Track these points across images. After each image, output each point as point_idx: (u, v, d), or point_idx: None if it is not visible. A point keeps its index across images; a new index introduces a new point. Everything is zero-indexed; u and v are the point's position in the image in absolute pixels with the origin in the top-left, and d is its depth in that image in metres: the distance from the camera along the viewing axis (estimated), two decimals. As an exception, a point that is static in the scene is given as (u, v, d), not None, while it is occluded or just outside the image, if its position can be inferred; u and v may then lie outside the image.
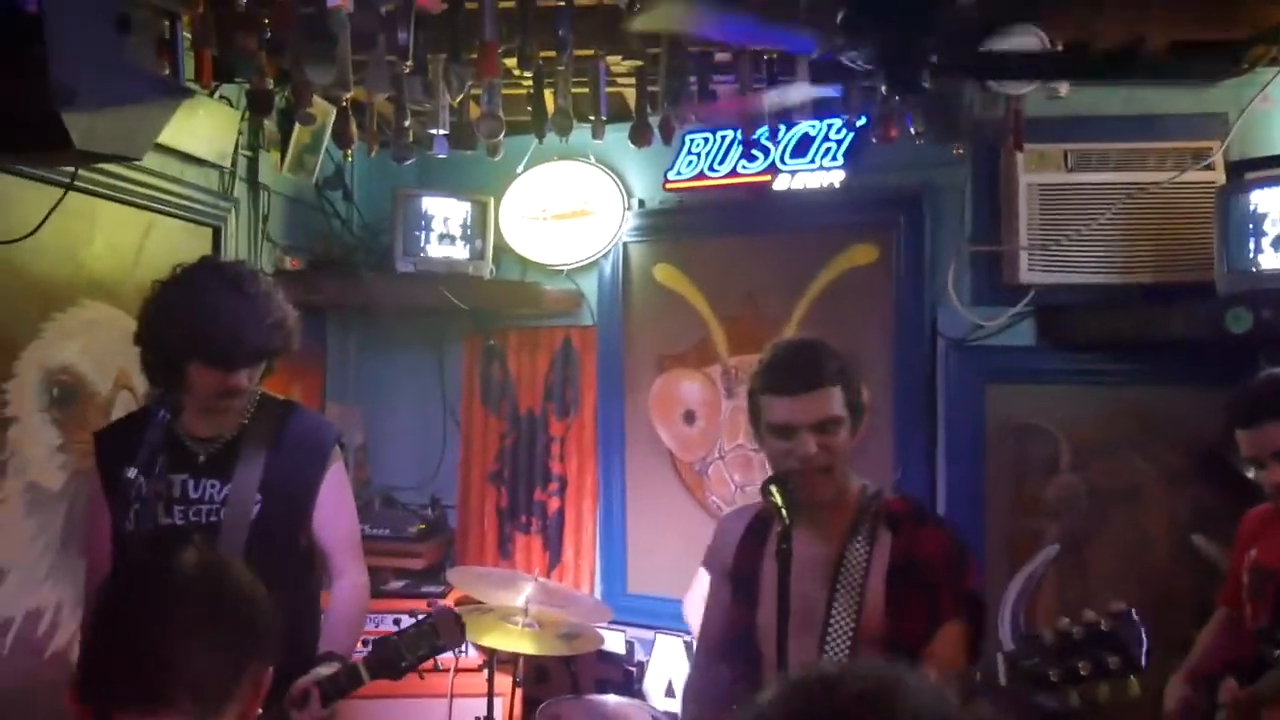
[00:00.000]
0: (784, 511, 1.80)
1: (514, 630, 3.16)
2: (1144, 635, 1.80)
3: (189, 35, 2.79)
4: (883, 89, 2.54)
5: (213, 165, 3.55)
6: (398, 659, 2.23)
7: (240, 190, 3.79)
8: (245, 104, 3.45)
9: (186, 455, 2.36)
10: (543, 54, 3.29)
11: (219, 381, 2.27)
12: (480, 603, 3.45)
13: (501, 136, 3.47)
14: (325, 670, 2.18)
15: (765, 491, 1.87)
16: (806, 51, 2.71)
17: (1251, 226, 3.18)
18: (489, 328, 4.60)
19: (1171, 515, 3.58)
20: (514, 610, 3.23)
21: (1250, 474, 3.41)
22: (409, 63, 2.81)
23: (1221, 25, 3.32)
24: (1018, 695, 1.80)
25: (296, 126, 3.91)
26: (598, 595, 4.32)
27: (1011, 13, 2.60)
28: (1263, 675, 2.22)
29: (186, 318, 2.25)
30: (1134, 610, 1.82)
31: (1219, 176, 3.50)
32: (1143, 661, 1.77)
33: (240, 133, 3.70)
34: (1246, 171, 3.43)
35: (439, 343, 4.70)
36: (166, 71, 2.40)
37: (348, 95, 3.24)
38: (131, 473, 2.07)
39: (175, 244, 3.38)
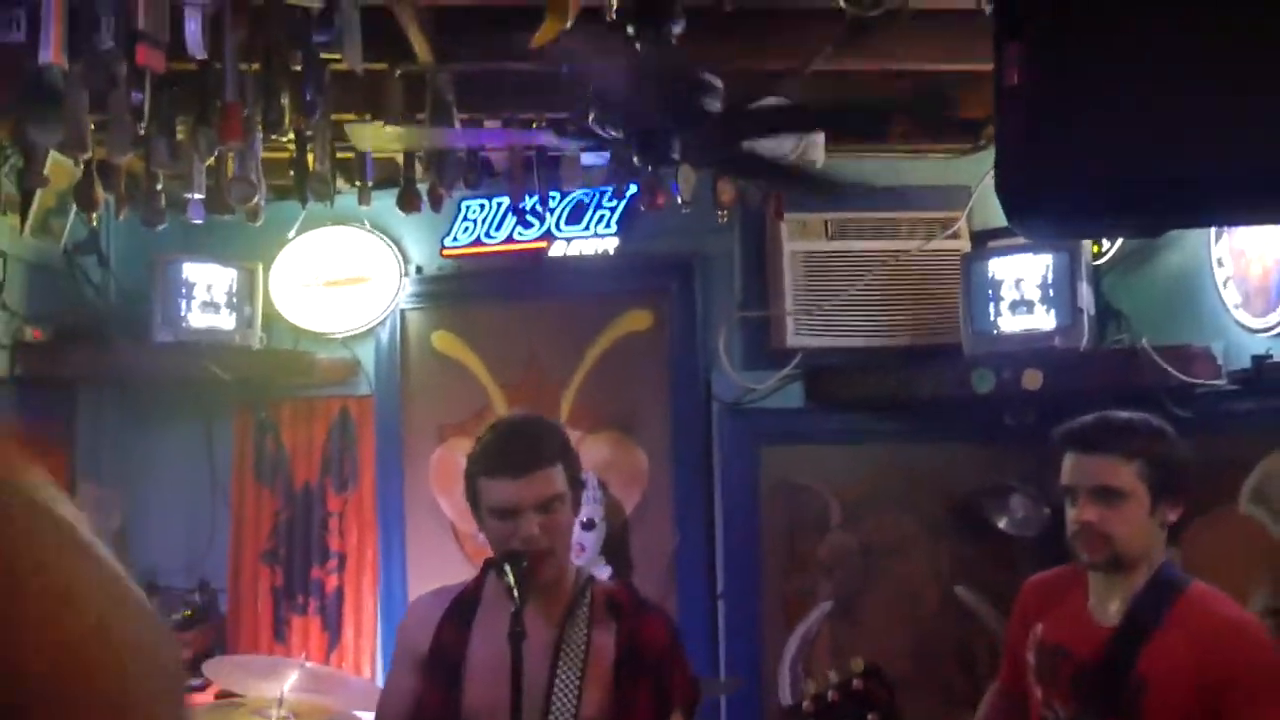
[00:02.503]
0: (515, 591, 1.74)
1: (268, 725, 2.96)
2: (892, 685, 1.85)
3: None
4: (635, 160, 2.58)
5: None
6: None
7: (-30, 257, 3.49)
8: (-29, 164, 3.20)
9: None
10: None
11: None
12: (238, 695, 3.23)
13: (260, 201, 3.35)
14: None
15: (497, 570, 1.81)
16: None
17: (991, 292, 3.39)
18: (261, 399, 4.38)
19: (935, 567, 3.73)
20: (268, 703, 3.03)
21: (1004, 526, 3.60)
22: (142, 124, 2.64)
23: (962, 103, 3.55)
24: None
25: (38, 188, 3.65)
26: (380, 677, 4.13)
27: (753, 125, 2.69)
28: None
29: None
30: (877, 664, 1.88)
31: (965, 245, 3.73)
32: (898, 711, 1.82)
33: (-34, 193, 3.41)
34: (988, 240, 3.67)
35: (207, 416, 4.43)
36: None
37: (85, 156, 3.05)
38: None
39: (-114, 316, 3.07)
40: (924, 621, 3.68)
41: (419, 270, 4.26)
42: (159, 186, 3.43)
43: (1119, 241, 3.45)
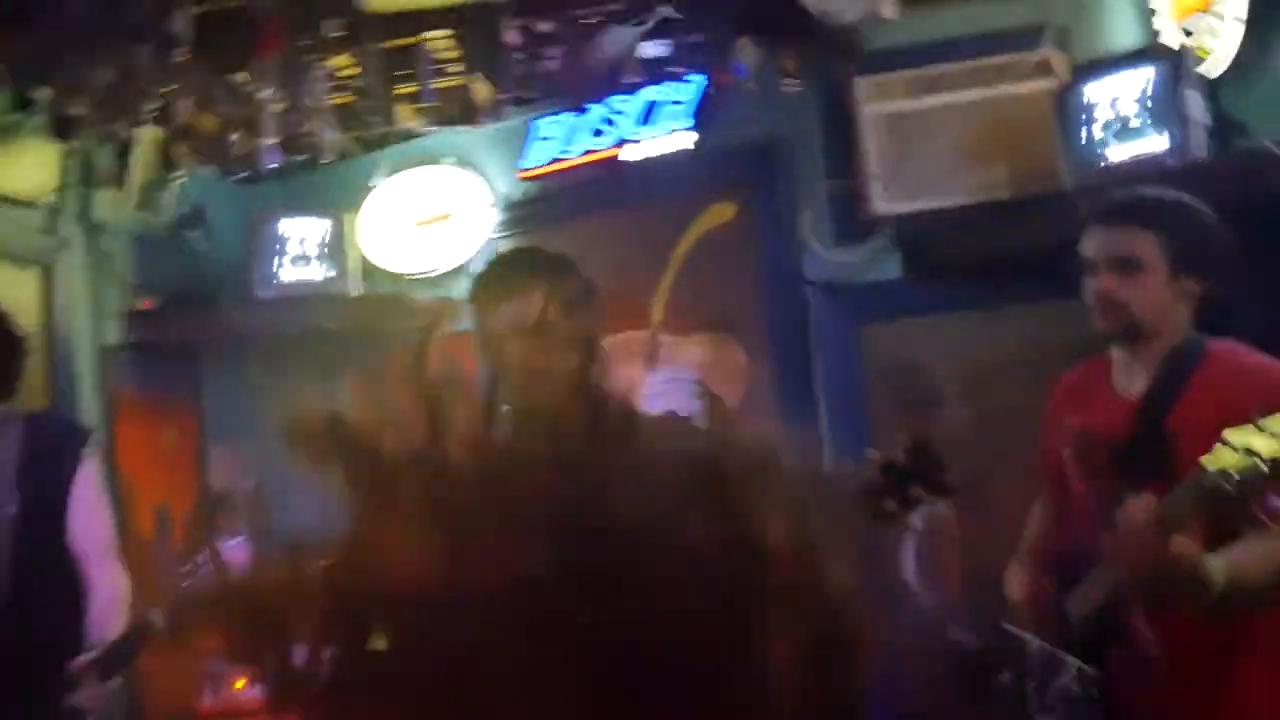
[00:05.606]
0: None
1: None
2: (941, 459, 1.87)
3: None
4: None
5: (28, 205, 3.41)
6: None
7: (75, 229, 3.65)
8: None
9: None
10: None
11: None
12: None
13: (325, 135, 3.37)
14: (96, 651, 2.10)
15: None
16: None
17: (1084, 116, 3.10)
18: (373, 347, 4.44)
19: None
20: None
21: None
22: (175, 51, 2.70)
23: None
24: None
25: (133, 162, 3.80)
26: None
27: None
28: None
29: None
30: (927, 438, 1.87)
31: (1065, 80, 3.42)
32: (950, 485, 1.85)
33: (66, 169, 3.56)
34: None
35: (325, 369, 4.53)
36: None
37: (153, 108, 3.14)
38: None
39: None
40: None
41: (504, 198, 4.24)
42: (233, 136, 3.53)
43: (1234, 48, 3.08)
